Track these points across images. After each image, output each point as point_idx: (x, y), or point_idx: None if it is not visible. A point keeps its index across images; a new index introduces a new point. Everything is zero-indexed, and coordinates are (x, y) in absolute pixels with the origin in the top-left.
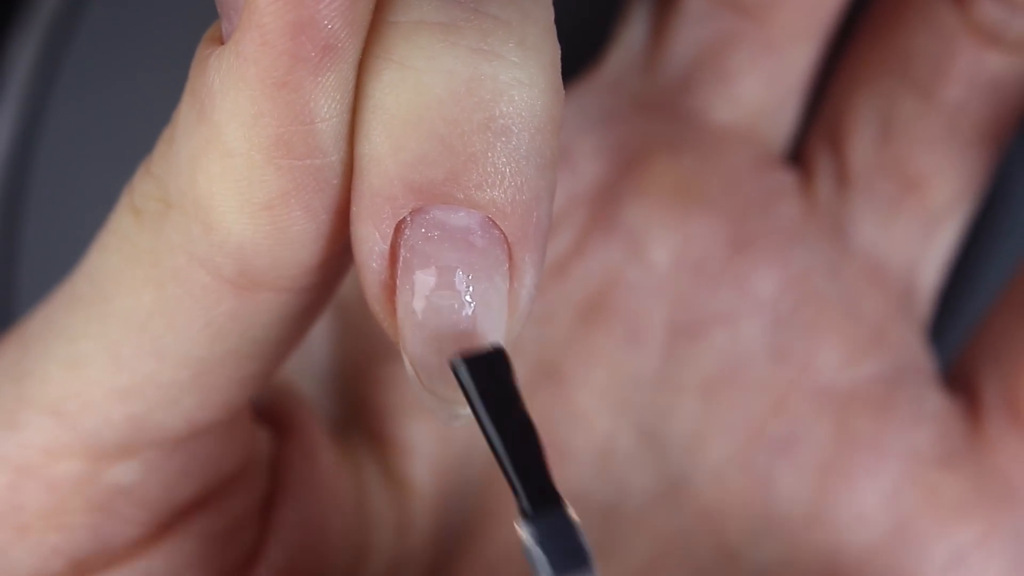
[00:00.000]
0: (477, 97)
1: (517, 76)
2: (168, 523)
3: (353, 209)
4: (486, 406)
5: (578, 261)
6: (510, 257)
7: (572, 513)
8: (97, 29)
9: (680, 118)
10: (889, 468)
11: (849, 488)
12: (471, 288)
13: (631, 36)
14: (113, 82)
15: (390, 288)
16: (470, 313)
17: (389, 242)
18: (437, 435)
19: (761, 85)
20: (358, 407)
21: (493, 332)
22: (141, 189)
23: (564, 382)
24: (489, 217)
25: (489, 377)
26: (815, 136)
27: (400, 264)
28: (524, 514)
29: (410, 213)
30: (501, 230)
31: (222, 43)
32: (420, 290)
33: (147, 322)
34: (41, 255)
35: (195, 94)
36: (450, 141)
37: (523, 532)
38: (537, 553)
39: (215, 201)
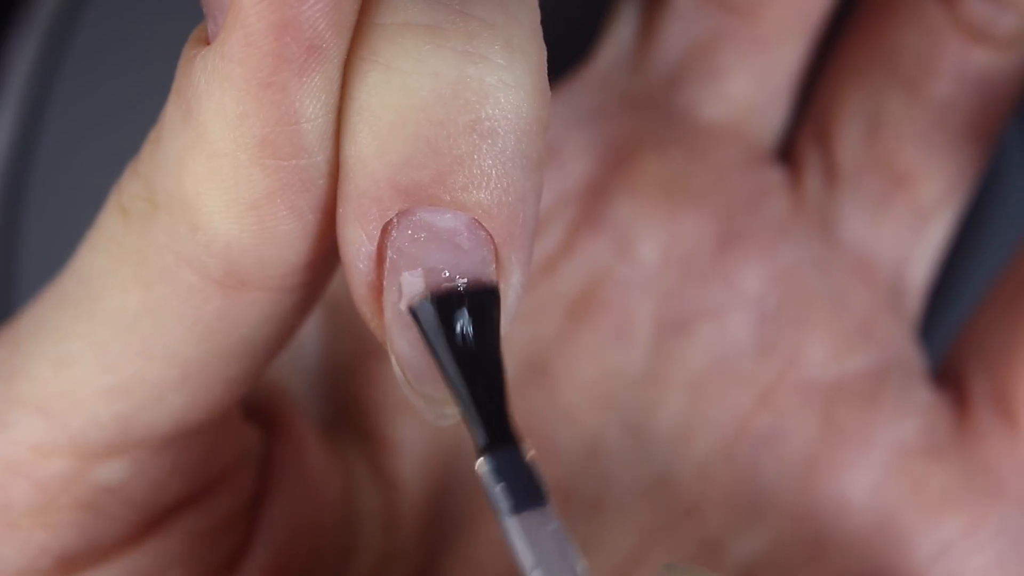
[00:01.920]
0: (463, 99)
1: (503, 78)
2: (155, 521)
3: (339, 210)
4: (448, 343)
5: (567, 258)
6: (497, 257)
7: (530, 451)
8: (97, 29)
9: (669, 115)
10: (875, 460)
11: (834, 480)
12: None
13: (620, 33)
14: (113, 82)
15: (377, 289)
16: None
17: (376, 243)
18: (426, 433)
19: (750, 82)
20: (347, 405)
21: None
22: (129, 189)
23: (552, 378)
24: (475, 218)
25: (463, 313)
26: (803, 133)
27: (387, 265)
28: (482, 450)
29: (396, 214)
30: (487, 231)
31: (208, 44)
32: (407, 291)
33: (135, 321)
34: (41, 255)
35: (181, 94)
36: (436, 143)
37: (482, 469)
38: (496, 489)
39: (201, 201)
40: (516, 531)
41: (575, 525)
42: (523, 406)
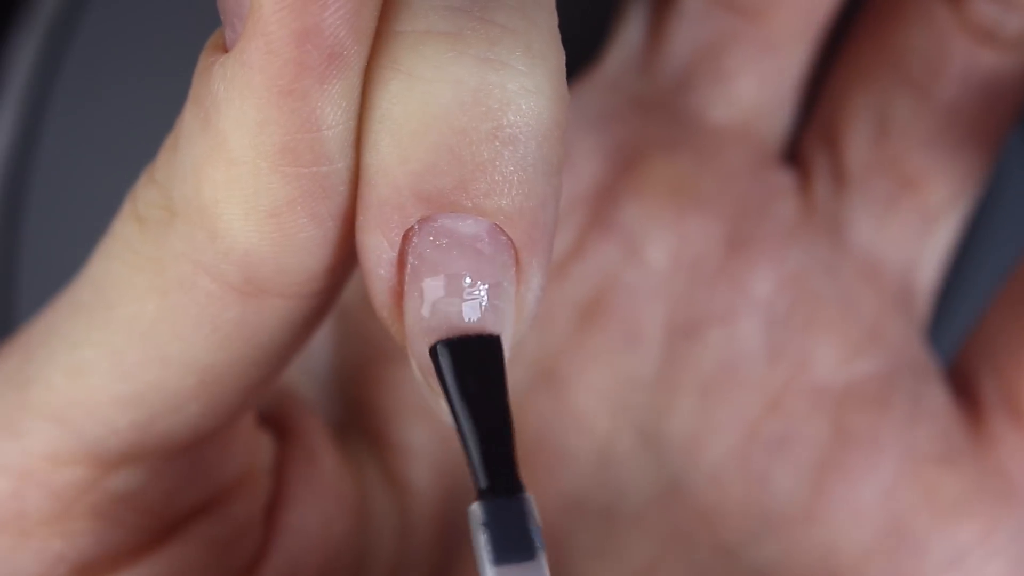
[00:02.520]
0: (484, 106)
1: (524, 84)
2: (171, 528)
3: (360, 218)
4: (460, 387)
5: (577, 262)
6: (517, 262)
7: (532, 505)
8: (97, 30)
9: (678, 118)
10: (886, 466)
11: (846, 486)
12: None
13: (629, 36)
14: (113, 83)
15: (398, 294)
16: (478, 318)
17: (397, 250)
18: (438, 437)
19: (758, 85)
20: (359, 409)
21: (501, 336)
22: (144, 197)
23: (563, 383)
24: (496, 224)
25: (473, 361)
26: (811, 136)
27: (408, 271)
28: (479, 494)
29: (418, 221)
30: (508, 236)
31: (225, 51)
32: (429, 296)
33: (152, 330)
34: (41, 256)
35: (199, 102)
36: (458, 151)
37: (474, 513)
38: (482, 536)
39: (220, 209)
40: None
41: (588, 533)
42: (533, 411)
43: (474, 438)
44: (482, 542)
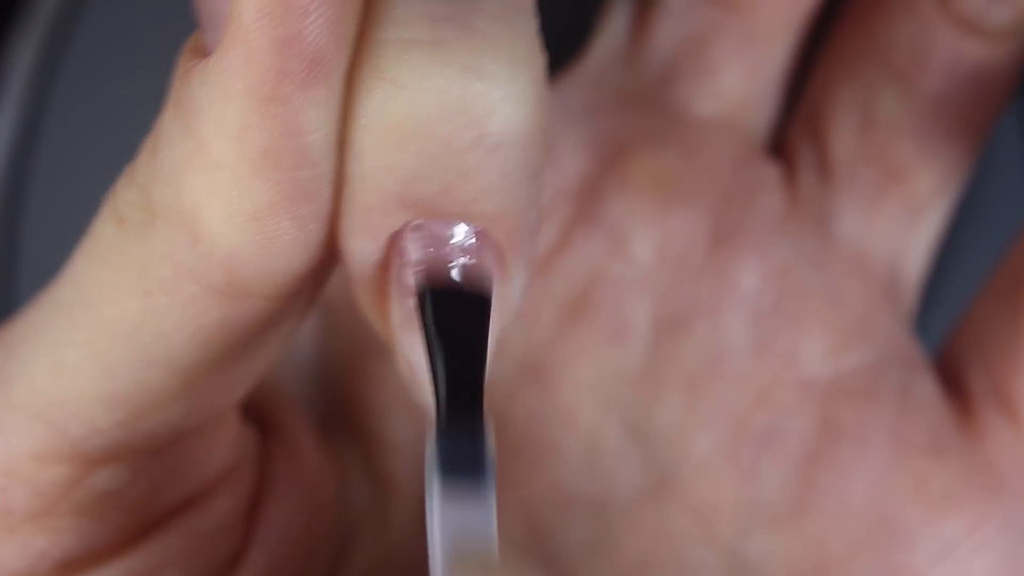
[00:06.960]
0: (469, 115)
1: (508, 92)
2: (154, 524)
3: (345, 222)
4: (442, 330)
5: (562, 257)
6: (501, 261)
7: (489, 432)
8: (97, 30)
9: (662, 111)
10: (875, 458)
11: (834, 479)
12: None
13: (613, 30)
14: (113, 82)
15: (383, 295)
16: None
17: (383, 253)
18: (420, 432)
19: (743, 77)
20: (342, 404)
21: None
22: (125, 197)
23: (549, 378)
24: (482, 228)
25: (457, 312)
26: (797, 128)
27: (393, 272)
28: (439, 415)
29: (403, 225)
30: (493, 238)
31: (204, 54)
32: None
33: (134, 331)
34: (41, 256)
35: (179, 106)
36: (443, 159)
37: (431, 436)
38: (434, 459)
39: (202, 212)
40: (437, 499)
41: (578, 528)
42: (520, 407)
43: (444, 365)
44: (433, 464)
